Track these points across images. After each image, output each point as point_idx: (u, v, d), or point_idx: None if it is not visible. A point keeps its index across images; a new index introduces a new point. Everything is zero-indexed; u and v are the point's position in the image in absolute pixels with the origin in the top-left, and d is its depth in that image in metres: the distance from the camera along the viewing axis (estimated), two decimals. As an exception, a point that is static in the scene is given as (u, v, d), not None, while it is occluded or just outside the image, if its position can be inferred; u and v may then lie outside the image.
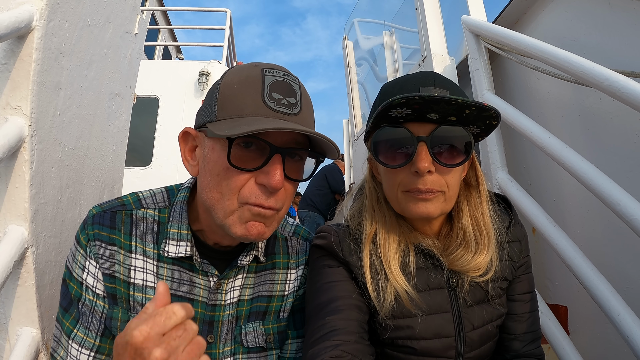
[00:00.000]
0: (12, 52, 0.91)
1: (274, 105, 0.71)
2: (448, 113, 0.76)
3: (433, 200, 0.80)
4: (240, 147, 0.72)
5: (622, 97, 1.13)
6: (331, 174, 5.16)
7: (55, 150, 1.05)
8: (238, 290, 0.87)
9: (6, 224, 0.93)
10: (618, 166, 1.48)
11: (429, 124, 0.79)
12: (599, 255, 1.47)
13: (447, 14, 2.50)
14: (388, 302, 0.82)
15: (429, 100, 0.72)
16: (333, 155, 0.77)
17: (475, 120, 0.79)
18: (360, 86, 4.31)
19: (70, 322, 0.79)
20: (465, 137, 0.80)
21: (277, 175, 0.71)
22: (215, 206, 0.74)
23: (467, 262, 0.84)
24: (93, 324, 0.79)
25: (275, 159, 0.71)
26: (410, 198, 0.81)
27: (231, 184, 0.72)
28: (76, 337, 0.78)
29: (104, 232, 0.80)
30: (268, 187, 0.71)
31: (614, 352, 1.49)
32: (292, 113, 0.73)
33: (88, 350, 0.78)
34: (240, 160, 0.71)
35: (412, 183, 0.79)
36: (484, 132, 0.83)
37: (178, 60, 7.55)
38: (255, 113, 0.70)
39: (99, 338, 0.79)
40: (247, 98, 0.71)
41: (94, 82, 1.24)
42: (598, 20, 1.64)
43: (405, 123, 0.80)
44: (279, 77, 0.74)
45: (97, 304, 0.79)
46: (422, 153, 0.77)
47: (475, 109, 0.74)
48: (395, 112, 0.77)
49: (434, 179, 0.79)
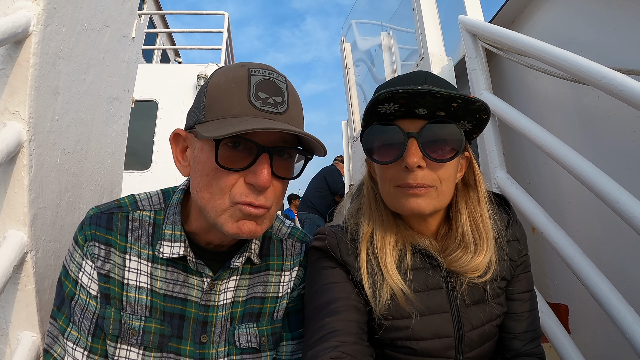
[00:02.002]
0: (10, 57, 0.92)
1: (260, 104, 0.71)
2: (436, 107, 0.77)
3: (424, 195, 0.80)
4: (228, 148, 0.72)
5: (620, 94, 1.14)
6: (330, 175, 5.17)
7: (54, 154, 1.05)
8: (232, 292, 0.87)
9: (5, 228, 0.93)
10: (616, 164, 1.48)
11: (418, 120, 0.79)
12: (599, 254, 1.47)
13: (444, 14, 2.51)
14: (384, 301, 0.82)
15: (413, 94, 0.73)
16: (320, 153, 0.78)
17: (465, 115, 0.79)
18: (358, 87, 4.31)
19: (63, 320, 0.81)
20: (456, 132, 0.80)
21: (265, 174, 0.71)
22: (206, 206, 0.75)
23: (465, 263, 0.84)
24: (84, 324, 0.80)
25: (262, 158, 0.72)
26: (401, 193, 0.81)
27: (221, 184, 0.73)
28: (70, 335, 0.80)
29: (101, 232, 0.81)
30: (256, 186, 0.72)
31: (615, 350, 1.49)
32: (278, 112, 0.73)
33: (82, 348, 0.80)
34: (228, 160, 0.72)
35: (402, 178, 0.80)
36: (477, 127, 0.83)
37: (176, 64, 7.56)
38: (242, 113, 0.71)
39: (91, 338, 0.81)
40: (233, 98, 0.72)
41: (92, 87, 1.25)
42: (595, 18, 1.64)
43: (396, 120, 0.80)
44: (265, 76, 0.74)
45: (90, 304, 0.81)
46: (411, 148, 0.77)
47: (462, 101, 0.75)
48: (384, 108, 0.78)
49: (425, 174, 0.79)
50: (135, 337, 0.81)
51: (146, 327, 0.81)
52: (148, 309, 0.82)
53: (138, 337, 0.81)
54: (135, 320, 0.81)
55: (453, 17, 2.17)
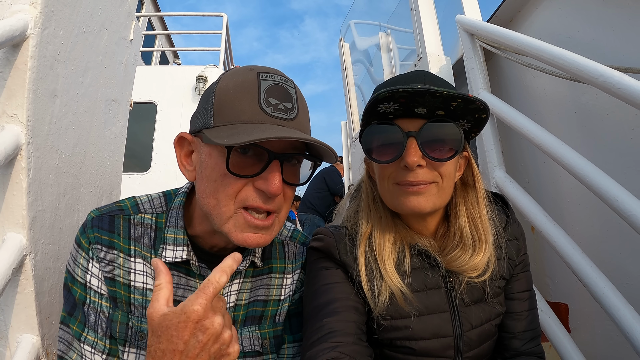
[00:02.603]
0: (7, 60, 0.92)
1: (271, 110, 0.71)
2: (435, 107, 0.77)
3: (425, 193, 0.80)
4: (238, 154, 0.72)
5: (618, 93, 1.14)
6: (329, 176, 5.17)
7: (52, 157, 1.05)
8: (235, 295, 0.87)
9: (4, 231, 0.93)
10: (615, 163, 1.48)
11: (418, 119, 0.80)
12: (598, 252, 1.47)
13: (442, 13, 2.51)
14: (382, 301, 0.82)
15: (413, 93, 0.73)
16: (330, 159, 0.77)
17: (464, 114, 0.79)
18: (357, 88, 4.31)
19: (77, 325, 0.79)
20: (455, 131, 0.80)
21: (276, 181, 0.71)
22: (212, 212, 0.75)
23: (464, 262, 0.84)
24: (100, 327, 0.79)
25: (273, 165, 0.72)
26: (401, 191, 0.81)
27: (228, 190, 0.72)
28: (87, 340, 0.78)
29: (103, 235, 0.80)
30: (267, 193, 0.71)
31: (615, 349, 1.48)
32: (289, 118, 0.73)
33: (100, 352, 0.79)
34: (238, 166, 0.71)
35: (402, 176, 0.80)
36: (476, 127, 0.83)
37: (175, 66, 7.56)
38: (253, 119, 0.70)
39: (108, 340, 0.79)
40: (243, 104, 0.71)
41: (90, 89, 1.25)
42: (592, 17, 1.64)
43: (395, 119, 0.80)
44: (275, 81, 0.74)
45: (103, 305, 0.79)
46: (411, 148, 0.78)
47: (462, 101, 0.75)
48: (383, 108, 0.78)
49: (425, 172, 0.80)
50: (144, 340, 0.80)
51: None
52: None
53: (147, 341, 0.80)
54: (144, 323, 0.80)
55: (451, 16, 2.17)
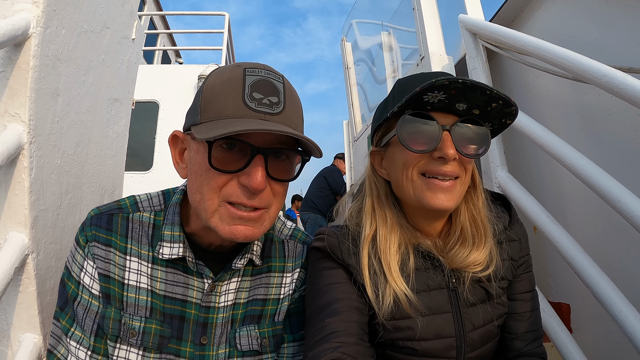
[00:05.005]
0: (10, 59, 0.92)
1: (254, 105, 0.70)
2: (475, 104, 0.79)
3: (452, 191, 0.82)
4: (223, 149, 0.72)
5: (621, 93, 1.13)
6: (330, 175, 5.17)
7: (55, 156, 1.05)
8: (233, 294, 0.87)
9: (6, 230, 0.93)
10: (618, 163, 1.48)
11: (452, 115, 0.81)
12: (601, 253, 1.46)
13: (444, 13, 2.50)
14: (387, 305, 0.82)
15: (470, 86, 0.74)
16: (315, 154, 0.77)
17: (495, 117, 0.82)
18: (359, 87, 4.30)
19: (66, 321, 0.82)
20: (485, 132, 0.83)
21: (258, 176, 0.70)
22: (198, 207, 0.75)
23: (465, 256, 0.84)
24: (87, 324, 0.81)
25: (256, 160, 0.71)
26: (428, 186, 0.82)
27: (212, 183, 0.72)
28: (74, 335, 0.81)
29: (101, 233, 0.82)
30: (250, 188, 0.71)
31: (617, 350, 1.48)
32: (273, 112, 0.72)
33: (85, 348, 0.81)
34: (222, 162, 0.72)
35: (433, 165, 0.81)
36: (495, 132, 0.86)
37: (177, 65, 7.57)
38: (235, 114, 0.70)
39: (94, 338, 0.81)
40: (228, 99, 0.71)
41: (92, 88, 1.25)
42: (595, 17, 1.64)
43: (432, 111, 0.81)
44: (260, 76, 0.73)
45: (92, 304, 0.81)
46: (448, 141, 0.79)
47: (502, 102, 0.77)
48: (430, 97, 0.78)
49: (455, 165, 0.82)
50: (135, 337, 0.81)
51: (146, 327, 0.82)
52: (148, 309, 0.82)
53: (138, 338, 0.81)
54: (135, 320, 0.81)
55: (453, 16, 2.16)
